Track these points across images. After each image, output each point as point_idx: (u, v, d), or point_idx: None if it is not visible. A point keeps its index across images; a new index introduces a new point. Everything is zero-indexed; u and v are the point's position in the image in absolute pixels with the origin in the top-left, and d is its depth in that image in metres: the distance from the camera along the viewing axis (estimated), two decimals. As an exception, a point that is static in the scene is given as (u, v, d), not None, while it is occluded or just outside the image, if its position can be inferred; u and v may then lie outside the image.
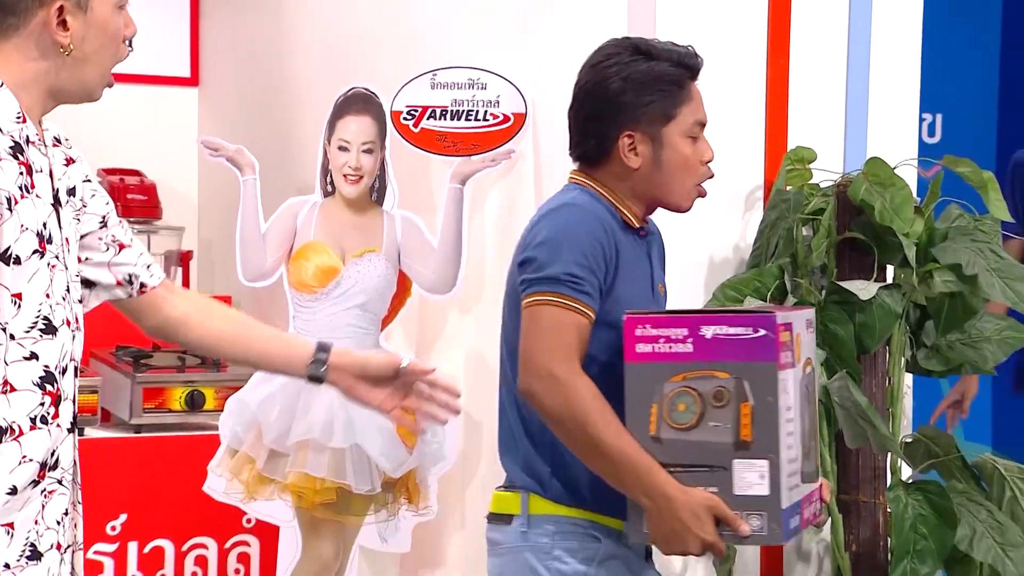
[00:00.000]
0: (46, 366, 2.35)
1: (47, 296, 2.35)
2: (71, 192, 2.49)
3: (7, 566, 2.31)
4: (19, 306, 2.32)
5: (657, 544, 2.68)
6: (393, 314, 4.42)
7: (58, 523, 2.39)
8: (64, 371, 2.39)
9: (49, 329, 2.35)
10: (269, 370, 3.02)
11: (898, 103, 3.99)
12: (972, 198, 3.52)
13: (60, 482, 2.39)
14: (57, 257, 2.38)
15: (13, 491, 2.31)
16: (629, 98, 2.81)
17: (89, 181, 2.56)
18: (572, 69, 4.15)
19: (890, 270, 3.56)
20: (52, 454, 2.37)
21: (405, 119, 4.31)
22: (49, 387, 2.35)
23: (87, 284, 2.58)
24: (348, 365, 2.75)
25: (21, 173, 2.32)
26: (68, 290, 2.40)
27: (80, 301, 2.46)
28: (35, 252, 2.33)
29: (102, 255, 2.58)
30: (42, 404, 2.34)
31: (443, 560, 4.56)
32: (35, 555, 2.35)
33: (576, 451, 2.70)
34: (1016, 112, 6.01)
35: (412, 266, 4.34)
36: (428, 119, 4.30)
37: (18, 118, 2.35)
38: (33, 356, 2.33)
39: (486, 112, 4.26)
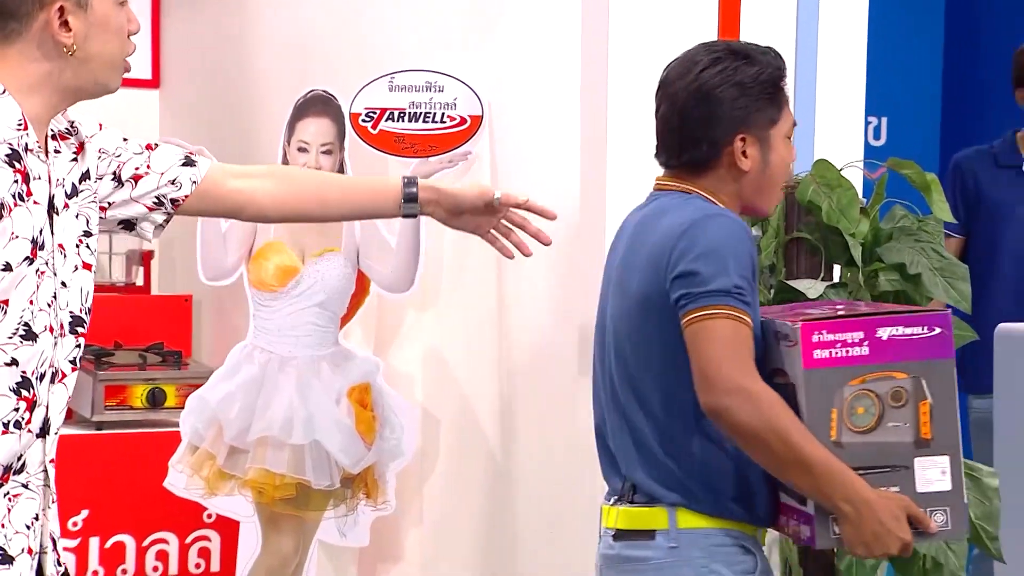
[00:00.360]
0: (23, 372, 2.33)
1: (30, 303, 2.32)
2: (84, 177, 2.47)
3: None
4: (5, 312, 2.31)
5: (853, 548, 2.63)
6: (352, 312, 4.45)
7: (27, 527, 2.36)
8: (42, 377, 2.36)
9: (29, 335, 2.33)
10: (365, 218, 3.06)
11: (844, 106, 4.05)
12: (916, 199, 3.57)
13: (27, 486, 2.37)
14: (47, 263, 2.35)
15: None
16: (744, 102, 2.77)
17: (103, 154, 2.54)
18: (527, 72, 4.24)
19: (837, 269, 3.61)
20: (19, 458, 2.35)
21: (364, 121, 4.36)
22: (25, 392, 2.33)
23: (128, 225, 2.59)
24: (440, 200, 2.74)
25: (16, 181, 2.31)
26: (55, 297, 2.37)
27: (64, 306, 2.41)
28: (25, 259, 2.31)
29: (121, 192, 2.56)
30: (16, 410, 2.33)
31: (401, 554, 4.60)
32: (6, 559, 2.32)
33: (770, 464, 2.63)
34: (959, 115, 6.10)
35: (371, 266, 4.38)
36: (386, 121, 4.35)
37: (19, 125, 2.32)
38: (13, 362, 2.32)
39: (443, 114, 4.31)
